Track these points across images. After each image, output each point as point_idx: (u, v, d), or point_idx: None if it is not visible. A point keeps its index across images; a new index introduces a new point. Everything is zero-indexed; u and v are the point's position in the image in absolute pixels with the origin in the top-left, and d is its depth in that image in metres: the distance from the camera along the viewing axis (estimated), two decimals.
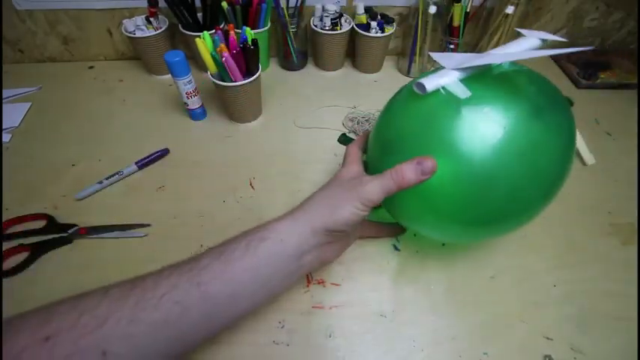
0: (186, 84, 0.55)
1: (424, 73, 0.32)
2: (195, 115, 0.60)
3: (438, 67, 0.32)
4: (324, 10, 0.65)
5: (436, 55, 0.31)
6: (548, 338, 0.38)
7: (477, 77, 0.30)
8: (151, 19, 0.64)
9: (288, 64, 0.72)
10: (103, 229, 0.45)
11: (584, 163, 0.55)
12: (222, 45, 0.51)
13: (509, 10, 0.61)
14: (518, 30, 0.32)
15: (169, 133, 0.59)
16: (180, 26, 0.63)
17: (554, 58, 0.76)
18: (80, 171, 0.53)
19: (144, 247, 0.44)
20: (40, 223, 0.45)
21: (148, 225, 0.46)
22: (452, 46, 0.69)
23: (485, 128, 0.28)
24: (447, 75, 0.29)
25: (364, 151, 0.39)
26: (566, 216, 0.48)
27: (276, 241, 0.30)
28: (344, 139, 0.57)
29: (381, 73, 0.73)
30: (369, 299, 0.40)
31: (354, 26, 0.66)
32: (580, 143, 0.55)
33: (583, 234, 0.46)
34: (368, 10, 0.66)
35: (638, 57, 0.37)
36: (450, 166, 0.28)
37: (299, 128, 0.60)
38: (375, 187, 0.30)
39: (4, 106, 0.62)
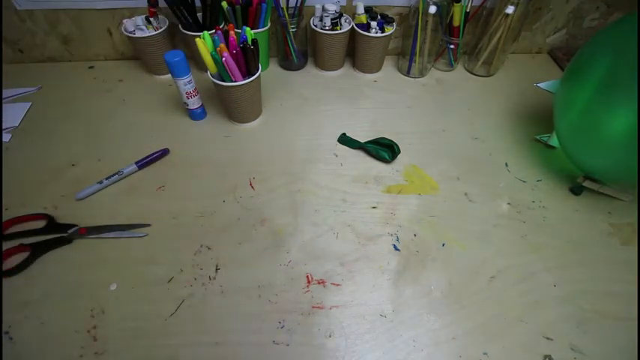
0: (186, 84, 0.55)
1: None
2: (195, 115, 0.60)
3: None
4: (324, 10, 0.64)
5: None
6: (548, 338, 0.38)
7: None
8: (151, 19, 0.64)
9: (288, 64, 0.72)
10: (103, 229, 0.45)
11: None
12: (222, 45, 0.51)
13: (509, 10, 0.61)
14: None
15: (169, 133, 0.59)
16: (180, 26, 0.63)
17: (553, 56, 0.76)
18: (80, 171, 0.53)
19: (144, 247, 0.44)
20: (40, 223, 0.45)
21: (148, 225, 0.46)
22: (452, 46, 0.69)
23: None
24: None
25: None
26: (566, 216, 0.48)
27: None
28: (344, 139, 0.57)
29: (381, 73, 0.73)
30: (369, 299, 0.40)
31: (354, 26, 0.66)
32: None
33: (583, 234, 0.46)
34: (368, 10, 0.66)
35: (638, 56, 0.37)
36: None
37: (299, 128, 0.60)
38: None
39: (4, 106, 0.62)
